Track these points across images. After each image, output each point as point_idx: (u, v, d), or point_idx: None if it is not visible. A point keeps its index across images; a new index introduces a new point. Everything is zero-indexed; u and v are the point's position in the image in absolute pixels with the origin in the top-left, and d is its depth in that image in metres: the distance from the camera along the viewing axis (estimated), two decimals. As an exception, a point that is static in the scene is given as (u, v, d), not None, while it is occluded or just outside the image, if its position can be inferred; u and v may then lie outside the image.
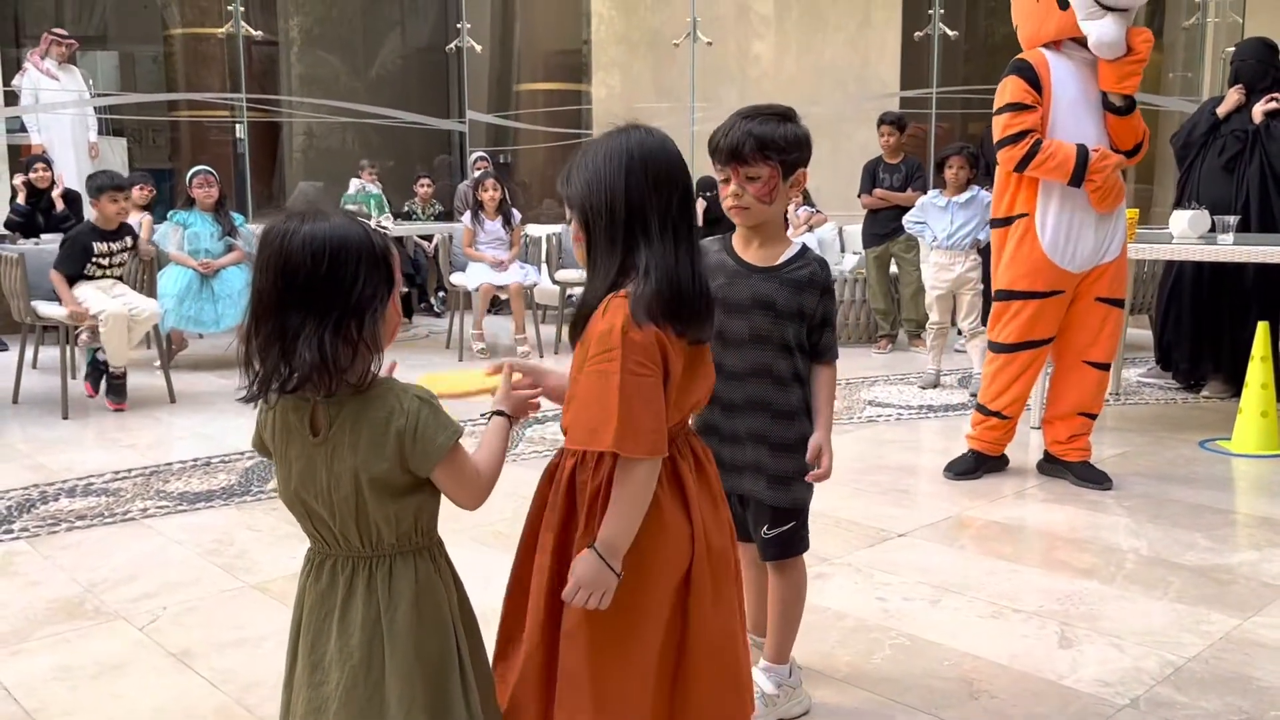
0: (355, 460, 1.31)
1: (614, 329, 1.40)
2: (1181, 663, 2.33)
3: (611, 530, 1.44)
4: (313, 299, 1.26)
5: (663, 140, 1.50)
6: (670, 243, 1.45)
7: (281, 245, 1.27)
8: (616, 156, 1.46)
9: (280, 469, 1.37)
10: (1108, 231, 3.57)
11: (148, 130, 12.47)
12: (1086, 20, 3.42)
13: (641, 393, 1.40)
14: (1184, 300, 5.19)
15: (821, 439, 1.96)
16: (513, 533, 1.60)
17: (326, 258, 1.26)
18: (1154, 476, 3.82)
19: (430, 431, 1.31)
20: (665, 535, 1.49)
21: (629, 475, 1.43)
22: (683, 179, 1.50)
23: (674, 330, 1.45)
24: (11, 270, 4.98)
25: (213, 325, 5.92)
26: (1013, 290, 3.64)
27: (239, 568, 2.93)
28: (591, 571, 1.43)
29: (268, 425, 1.38)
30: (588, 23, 12.11)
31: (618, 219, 1.45)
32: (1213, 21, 9.38)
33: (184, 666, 2.34)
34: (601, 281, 1.46)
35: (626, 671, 1.50)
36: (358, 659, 1.34)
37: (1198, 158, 5.17)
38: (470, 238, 6.69)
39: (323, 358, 1.25)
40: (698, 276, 1.48)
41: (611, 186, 1.44)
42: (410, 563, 1.37)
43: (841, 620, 2.56)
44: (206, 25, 11.36)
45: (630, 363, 1.40)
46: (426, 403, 1.33)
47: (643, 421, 1.40)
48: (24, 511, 3.43)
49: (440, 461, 1.32)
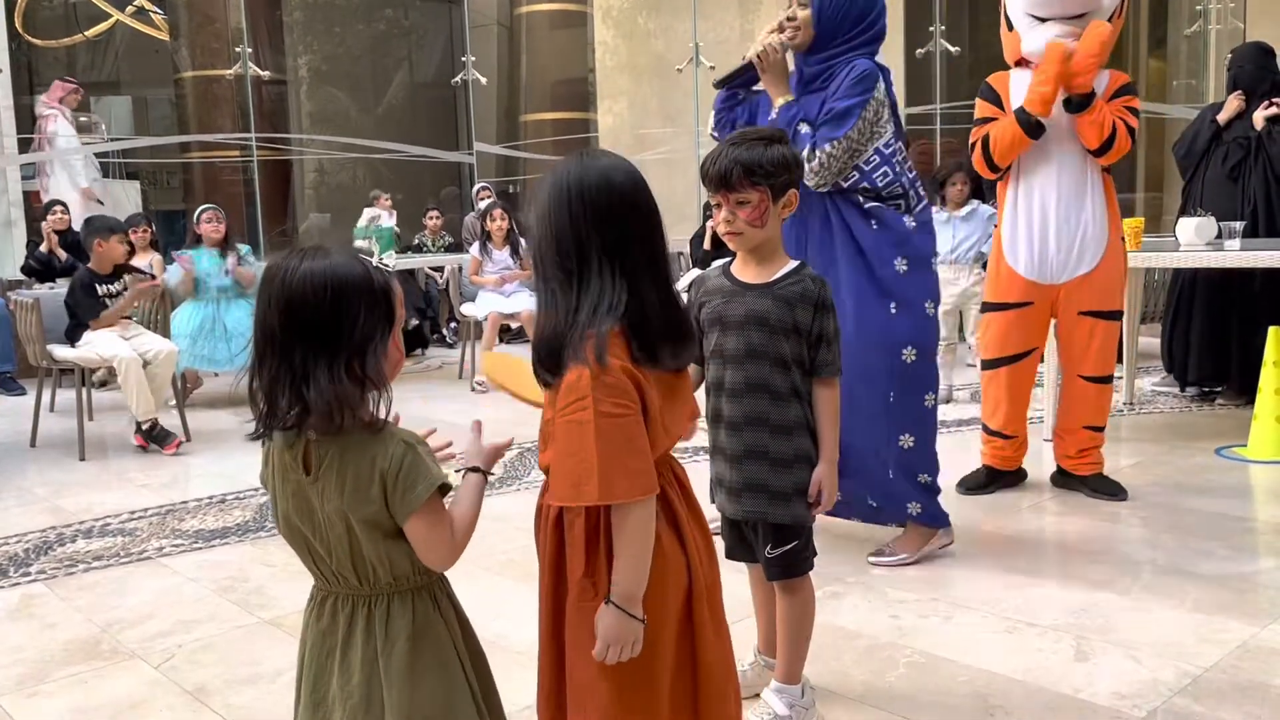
0: (342, 501, 1.30)
1: (582, 376, 1.36)
2: (1199, 673, 2.31)
3: (624, 578, 1.42)
4: (315, 336, 1.27)
5: (603, 170, 1.42)
6: (624, 274, 1.40)
7: (283, 283, 1.28)
8: (556, 191, 1.42)
9: (279, 505, 1.38)
10: (1076, 238, 3.48)
11: (161, 172, 12.64)
12: (1025, 34, 3.54)
13: (623, 432, 1.37)
14: (1193, 308, 5.17)
15: (822, 472, 1.96)
16: (524, 561, 1.60)
17: (328, 294, 1.26)
18: (1170, 486, 3.80)
19: (411, 478, 1.29)
20: (665, 567, 1.48)
21: (627, 521, 1.40)
22: (635, 205, 1.42)
23: (645, 362, 1.42)
24: (27, 315, 5.04)
25: (226, 363, 5.96)
26: (988, 303, 3.69)
27: (254, 604, 2.95)
28: (615, 625, 1.42)
29: (267, 462, 1.39)
30: (592, 52, 12.23)
31: (565, 257, 1.40)
32: (1215, 29, 9.38)
33: (199, 704, 2.35)
34: (559, 317, 1.41)
35: (643, 708, 1.49)
36: (357, 698, 1.33)
37: (1201, 166, 5.16)
38: (477, 267, 6.74)
39: (335, 395, 1.26)
40: (665, 304, 1.44)
41: (555, 223, 1.41)
42: (408, 602, 1.36)
43: (855, 639, 2.55)
44: (216, 67, 11.52)
45: (605, 405, 1.36)
46: (411, 448, 1.31)
47: (629, 463, 1.37)
48: (41, 554, 3.46)
49: (415, 511, 1.30)
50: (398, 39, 14.34)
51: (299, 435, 1.32)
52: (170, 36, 12.21)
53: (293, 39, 13.44)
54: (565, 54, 12.79)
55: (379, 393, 1.32)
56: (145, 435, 4.90)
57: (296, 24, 13.53)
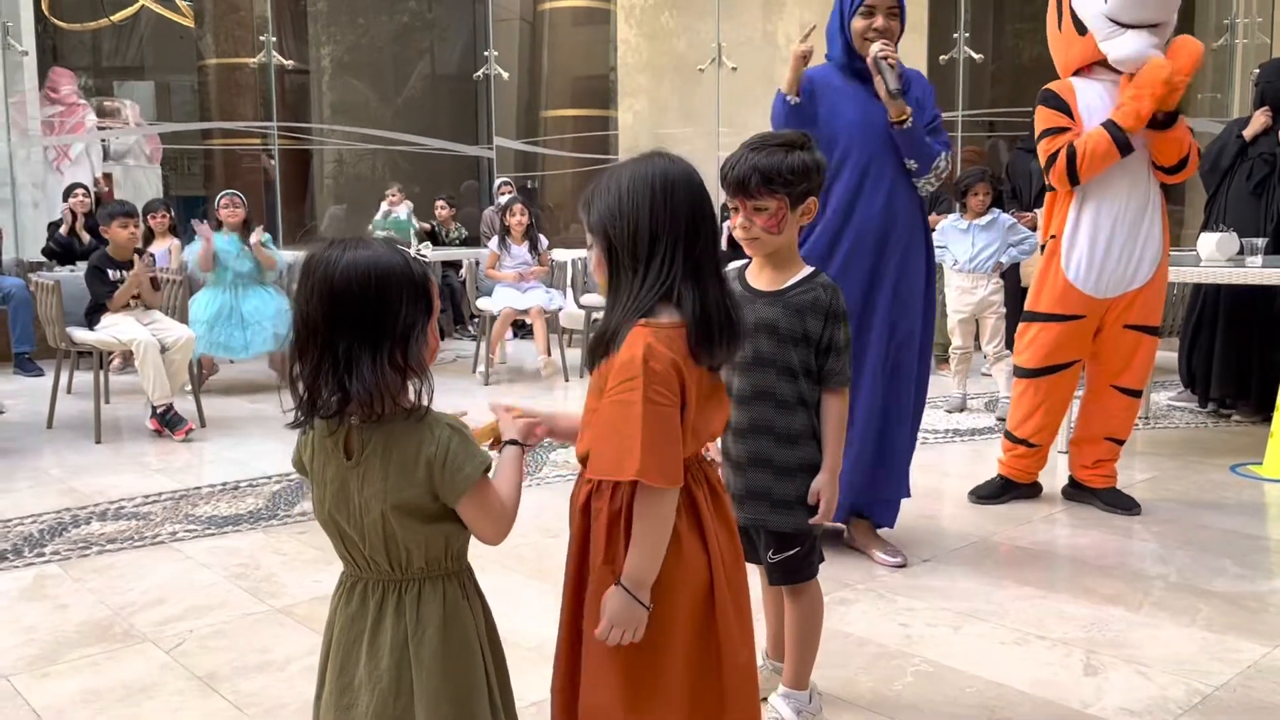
0: (385, 485, 1.32)
1: (635, 358, 1.40)
2: (1209, 691, 2.30)
3: (636, 563, 1.44)
4: (359, 326, 1.28)
5: (686, 170, 1.49)
6: (693, 271, 1.45)
7: (325, 272, 1.29)
8: (640, 184, 1.45)
9: (316, 490, 1.39)
10: (1135, 255, 3.49)
11: (182, 158, 12.71)
12: (1105, 41, 3.41)
13: (662, 422, 1.40)
14: (1212, 323, 5.14)
15: (822, 481, 1.96)
16: (536, 557, 1.61)
17: (372, 284, 1.28)
18: (1184, 501, 3.78)
19: (459, 460, 1.32)
20: (683, 565, 1.49)
21: (650, 506, 1.43)
22: (705, 208, 1.49)
23: (702, 359, 1.45)
24: (48, 297, 5.08)
25: (242, 351, 5.99)
26: (1035, 312, 3.62)
27: (265, 591, 2.96)
28: (621, 607, 1.44)
29: (307, 446, 1.40)
30: (614, 49, 12.22)
31: (640, 247, 1.44)
32: (1241, 43, 9.32)
33: (209, 690, 2.36)
34: (622, 310, 1.46)
35: (655, 703, 1.50)
36: (386, 683, 1.35)
37: (1225, 181, 5.13)
38: (495, 261, 6.75)
39: (378, 384, 1.28)
40: (724, 303, 1.48)
41: (634, 214, 1.44)
42: (439, 588, 1.38)
43: (863, 646, 2.55)
44: (240, 55, 11.58)
45: (651, 392, 1.39)
46: (457, 431, 1.34)
47: (664, 451, 1.40)
48: (56, 535, 3.49)
49: (466, 492, 1.33)
50: (420, 31, 14.38)
51: (340, 422, 1.34)
52: (195, 23, 12.27)
53: (316, 28, 13.50)
54: (586, 51, 12.81)
55: (420, 380, 1.34)
56: (159, 419, 4.93)
57: (320, 13, 13.58)
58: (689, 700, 1.51)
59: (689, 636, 1.51)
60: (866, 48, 3.00)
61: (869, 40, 2.99)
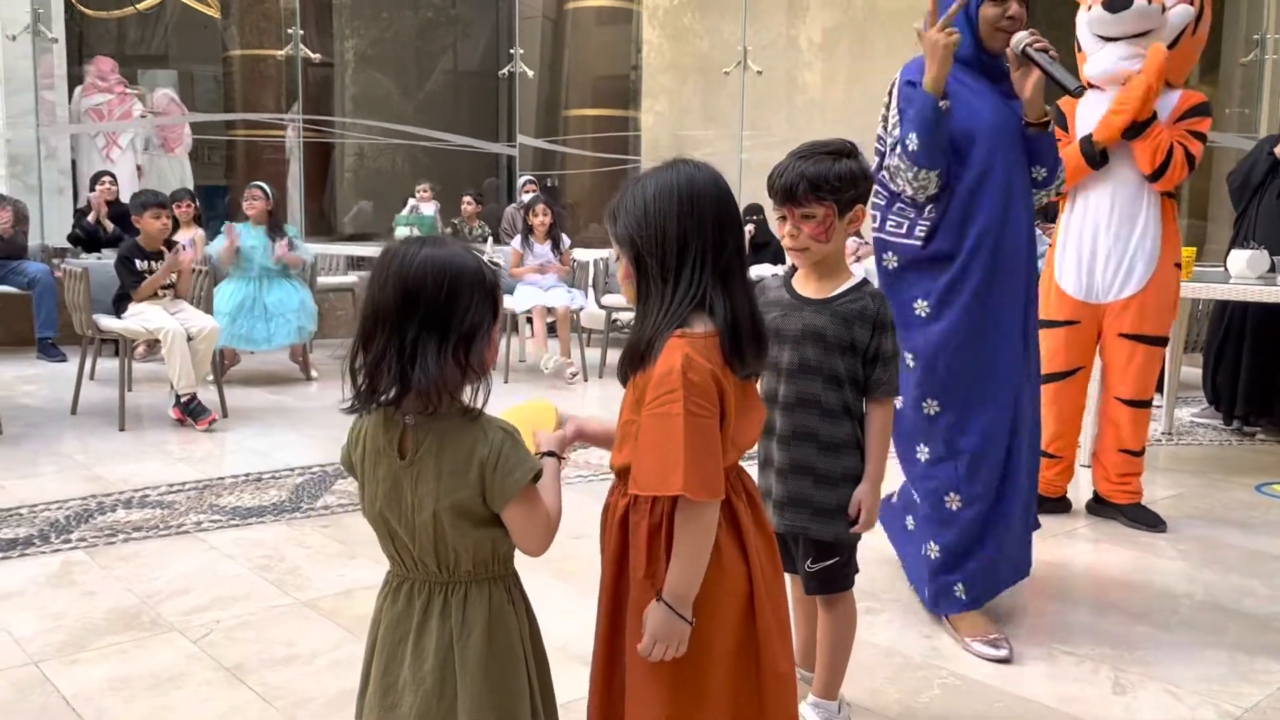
0: (438, 486, 1.33)
1: (673, 370, 1.39)
2: (1240, 713, 2.29)
3: (679, 577, 1.43)
4: (429, 318, 1.30)
5: (712, 175, 1.48)
6: (722, 278, 1.45)
7: (402, 265, 1.32)
8: (665, 193, 1.44)
9: (367, 489, 1.40)
10: (1124, 260, 3.50)
11: (205, 148, 12.75)
12: (1090, 56, 3.57)
13: (703, 434, 1.39)
14: (1239, 340, 5.11)
15: (864, 491, 1.95)
16: (561, 558, 1.62)
17: (446, 281, 1.31)
18: (1209, 520, 3.76)
19: (510, 464, 1.33)
20: (724, 576, 1.48)
21: (693, 520, 1.42)
22: (732, 213, 1.48)
23: (735, 368, 1.45)
24: (76, 284, 5.11)
25: (264, 343, 6.01)
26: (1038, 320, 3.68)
27: (290, 584, 2.97)
28: (663, 622, 1.43)
29: (358, 445, 1.41)
30: (637, 49, 12.22)
31: (669, 257, 1.43)
32: (1271, 58, 9.26)
33: (237, 681, 2.37)
34: (654, 321, 1.45)
35: (699, 715, 1.49)
36: (430, 684, 1.35)
37: (1256, 198, 5.10)
38: (518, 260, 6.76)
39: (440, 377, 1.30)
40: (753, 311, 1.48)
41: (662, 224, 1.43)
42: (485, 591, 1.38)
43: (890, 657, 2.54)
44: (265, 47, 11.61)
45: (690, 404, 1.39)
46: (510, 435, 1.35)
47: (705, 464, 1.39)
48: (82, 521, 3.50)
49: (514, 497, 1.33)
50: (444, 27, 14.39)
51: (394, 416, 1.35)
52: (221, 14, 12.31)
53: (340, 22, 13.53)
54: (610, 50, 12.79)
55: (479, 381, 1.35)
56: (183, 408, 4.95)
57: (345, 7, 13.61)
58: (731, 711, 1.50)
59: (731, 647, 1.51)
60: (997, 39, 2.62)
61: (1001, 30, 2.60)
